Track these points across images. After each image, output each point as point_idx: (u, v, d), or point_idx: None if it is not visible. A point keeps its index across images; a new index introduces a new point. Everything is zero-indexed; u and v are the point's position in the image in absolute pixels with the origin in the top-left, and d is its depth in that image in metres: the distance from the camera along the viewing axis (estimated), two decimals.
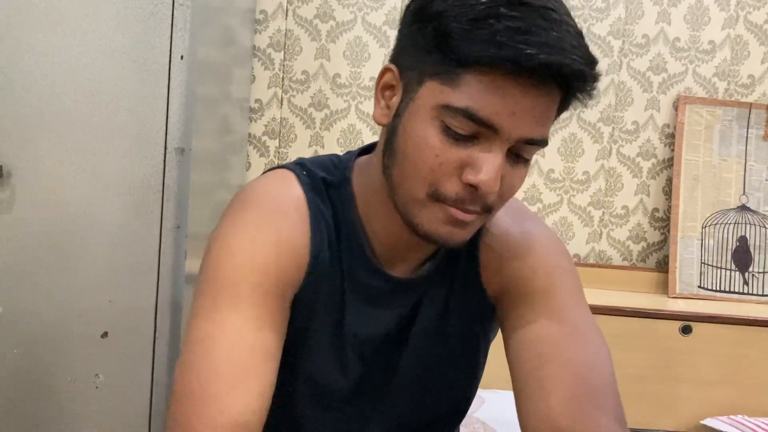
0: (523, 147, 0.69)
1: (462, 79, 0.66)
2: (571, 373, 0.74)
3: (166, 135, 1.20)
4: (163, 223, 1.21)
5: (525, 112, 0.66)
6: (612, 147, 1.99)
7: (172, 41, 1.18)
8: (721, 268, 1.95)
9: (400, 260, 0.82)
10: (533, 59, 0.63)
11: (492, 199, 0.71)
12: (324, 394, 0.83)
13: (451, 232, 0.72)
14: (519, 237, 0.84)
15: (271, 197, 0.77)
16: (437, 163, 0.69)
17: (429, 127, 0.69)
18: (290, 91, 1.92)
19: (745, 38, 1.97)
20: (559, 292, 0.81)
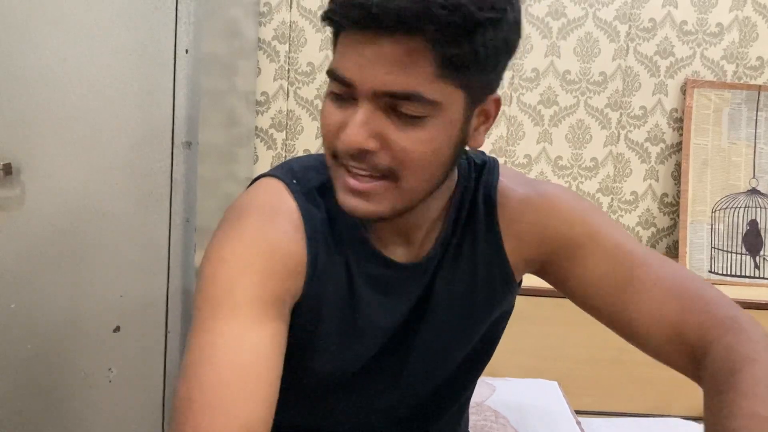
0: (394, 102, 0.67)
1: (337, 45, 0.70)
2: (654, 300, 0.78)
3: (173, 129, 1.20)
4: (172, 217, 1.22)
5: (372, 63, 0.66)
6: (620, 132, 1.98)
7: (176, 35, 1.18)
8: (731, 253, 1.94)
9: (405, 244, 0.83)
10: (347, 7, 0.65)
11: (384, 162, 0.70)
12: (340, 378, 0.85)
13: (355, 203, 0.72)
14: (538, 199, 0.85)
15: (264, 209, 0.78)
16: (327, 125, 0.72)
17: (327, 96, 0.73)
18: (296, 83, 1.92)
19: (754, 20, 1.96)
20: (604, 231, 0.83)
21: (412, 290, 0.84)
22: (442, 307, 0.85)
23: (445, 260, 0.85)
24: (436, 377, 0.88)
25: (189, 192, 1.22)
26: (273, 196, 0.80)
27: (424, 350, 0.86)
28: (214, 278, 0.74)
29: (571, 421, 1.50)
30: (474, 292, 0.86)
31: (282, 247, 0.76)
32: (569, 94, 1.95)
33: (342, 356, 0.83)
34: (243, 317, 0.71)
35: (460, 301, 0.86)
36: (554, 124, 1.96)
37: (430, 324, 0.85)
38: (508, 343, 0.93)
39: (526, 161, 1.97)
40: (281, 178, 0.81)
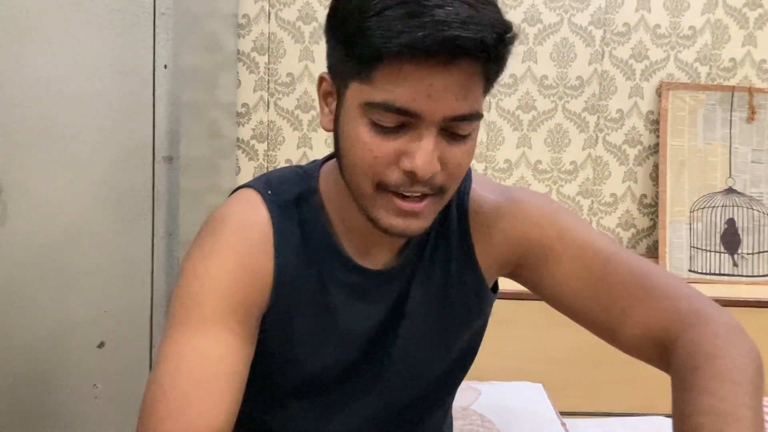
0: (454, 125, 0.71)
1: (375, 76, 0.69)
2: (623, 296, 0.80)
3: (154, 144, 1.21)
4: (154, 232, 1.22)
5: (440, 92, 0.68)
6: (598, 136, 2.00)
7: (155, 51, 1.19)
8: (710, 251, 1.97)
9: (381, 251, 0.85)
10: (427, 39, 0.65)
11: (440, 180, 0.73)
12: (321, 386, 0.86)
13: (405, 224, 0.74)
14: (509, 205, 0.87)
15: (237, 223, 0.80)
16: (373, 157, 0.71)
17: (359, 126, 0.72)
18: (276, 93, 1.93)
19: (725, 22, 1.99)
20: (573, 231, 0.85)
21: (387, 296, 0.86)
22: (417, 312, 0.87)
23: (420, 266, 0.86)
24: (417, 383, 0.89)
25: (171, 206, 1.23)
26: (247, 207, 0.82)
27: (403, 356, 0.87)
28: (186, 291, 0.77)
29: (556, 422, 1.51)
30: (448, 298, 0.88)
31: (251, 260, 0.79)
32: (547, 98, 1.97)
33: (320, 364, 0.85)
34: (211, 330, 0.74)
35: (435, 307, 0.87)
36: (533, 128, 1.98)
37: (407, 330, 0.87)
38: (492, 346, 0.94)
39: (507, 166, 1.99)
40: (257, 189, 0.83)
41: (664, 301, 0.79)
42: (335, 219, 0.84)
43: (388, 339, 0.87)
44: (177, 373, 0.72)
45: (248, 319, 0.78)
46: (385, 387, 0.88)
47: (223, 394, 0.73)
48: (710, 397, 0.68)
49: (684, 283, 0.83)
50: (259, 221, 0.80)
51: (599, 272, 0.83)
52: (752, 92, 1.98)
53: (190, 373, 0.72)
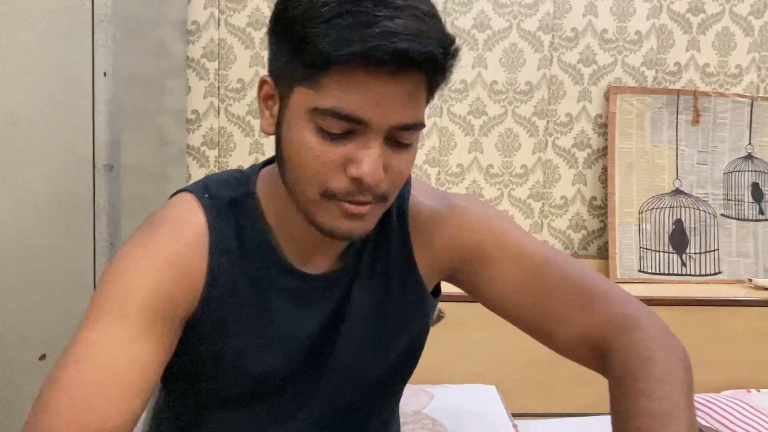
0: (399, 134, 0.72)
1: (324, 81, 0.69)
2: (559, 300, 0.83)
3: (94, 153, 1.19)
4: (96, 241, 1.21)
5: (389, 102, 0.69)
6: (548, 139, 2.03)
7: (94, 59, 1.18)
8: (659, 252, 2.01)
9: (320, 256, 0.85)
10: (380, 50, 0.66)
11: (383, 187, 0.74)
12: (259, 392, 0.86)
13: (350, 226, 0.75)
14: (447, 211, 0.89)
15: (172, 224, 0.80)
16: (320, 163, 0.72)
17: (305, 131, 0.72)
18: (227, 100, 1.92)
19: (670, 27, 2.04)
20: (510, 237, 0.88)
21: (326, 300, 0.86)
22: (357, 317, 0.87)
23: (360, 271, 0.87)
24: (358, 388, 0.89)
25: (113, 215, 1.21)
26: (184, 210, 0.81)
27: (343, 361, 0.87)
28: (112, 284, 0.75)
29: (508, 424, 1.53)
30: (388, 302, 0.88)
31: (183, 261, 0.78)
32: (497, 104, 1.99)
33: (259, 370, 0.84)
34: (130, 326, 0.72)
35: (375, 311, 0.88)
36: (484, 133, 2.00)
37: (348, 334, 0.87)
38: (446, 349, 0.95)
39: (459, 170, 2.00)
40: (195, 192, 0.83)
41: (600, 305, 0.81)
42: (274, 223, 0.84)
43: (329, 344, 0.87)
44: (85, 362, 0.70)
45: (171, 320, 0.77)
46: (326, 392, 0.88)
47: (130, 394, 0.71)
48: (647, 400, 0.70)
49: (618, 287, 0.85)
50: (195, 223, 0.80)
51: (536, 277, 0.85)
52: (697, 95, 2.03)
53: (99, 364, 0.70)
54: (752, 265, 2.04)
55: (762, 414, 1.57)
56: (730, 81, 2.07)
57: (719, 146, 2.06)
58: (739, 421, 1.55)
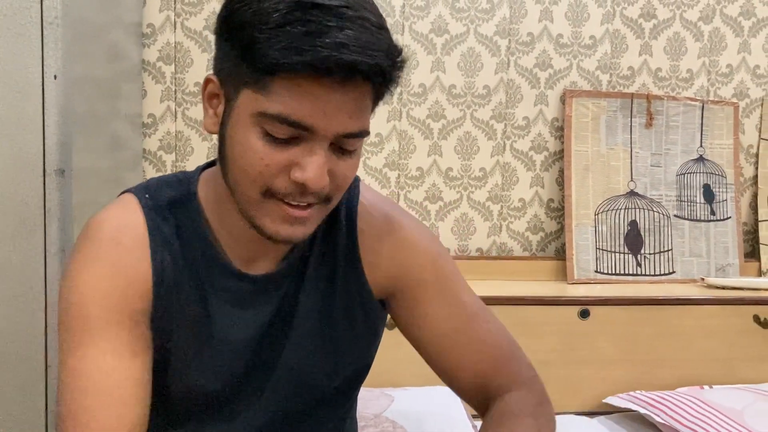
0: (344, 141, 0.74)
1: (272, 87, 0.70)
2: (476, 352, 0.90)
3: (44, 157, 1.16)
4: (47, 248, 1.18)
5: (336, 110, 0.70)
6: (505, 143, 2.05)
7: (43, 61, 1.15)
8: (615, 252, 2.04)
9: (263, 257, 0.85)
10: (329, 60, 0.67)
11: (327, 192, 0.75)
12: (203, 400, 0.85)
13: (291, 230, 0.76)
14: (397, 234, 0.90)
15: (110, 229, 0.80)
16: (263, 165, 0.72)
17: (250, 133, 0.72)
18: (184, 104, 1.90)
19: (623, 32, 2.08)
20: (447, 278, 0.91)
21: (269, 303, 0.85)
22: (304, 320, 0.87)
23: (306, 273, 0.87)
24: (305, 395, 0.89)
25: (64, 221, 1.19)
26: (122, 212, 0.81)
27: (288, 366, 0.87)
28: (68, 305, 0.77)
29: (468, 425, 1.54)
30: (334, 307, 0.88)
31: (127, 267, 0.78)
32: (455, 107, 2.01)
33: (202, 373, 0.84)
34: (100, 342, 0.75)
35: (321, 316, 0.88)
36: (443, 136, 2.02)
37: (293, 339, 0.86)
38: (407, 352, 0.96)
39: (419, 173, 2.01)
40: (135, 193, 0.83)
41: (509, 365, 0.91)
42: (215, 224, 0.83)
43: (273, 348, 0.86)
44: (78, 391, 0.74)
45: (135, 324, 0.78)
46: (271, 398, 0.87)
47: (127, 403, 0.74)
48: None
49: (521, 351, 0.95)
50: (133, 225, 0.80)
51: (462, 327, 0.90)
52: (650, 99, 2.07)
53: (90, 389, 0.74)
54: (705, 264, 2.09)
55: (716, 410, 1.61)
56: (681, 85, 2.12)
57: (672, 148, 2.10)
58: (694, 418, 1.58)
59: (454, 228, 2.04)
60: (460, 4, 1.98)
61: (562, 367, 1.80)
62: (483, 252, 2.06)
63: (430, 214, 2.02)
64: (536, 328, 1.78)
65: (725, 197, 2.11)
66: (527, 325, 1.77)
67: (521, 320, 1.77)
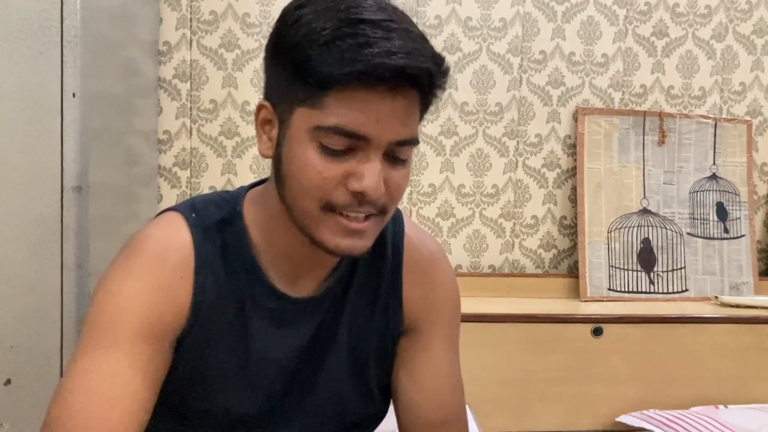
0: (397, 149, 0.75)
1: (326, 101, 0.72)
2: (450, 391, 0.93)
3: (62, 173, 1.18)
4: (63, 263, 1.19)
5: (389, 118, 0.72)
6: (518, 160, 2.06)
7: (63, 79, 1.17)
8: (628, 270, 2.04)
9: (306, 278, 0.86)
10: (380, 67, 0.69)
11: (383, 201, 0.77)
12: (242, 417, 0.85)
13: (351, 243, 0.77)
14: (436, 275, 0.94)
15: (156, 245, 0.81)
16: (321, 179, 0.74)
17: (307, 149, 0.74)
18: (199, 120, 1.92)
19: (635, 50, 2.08)
20: (456, 324, 0.95)
21: (307, 325, 0.86)
22: (341, 345, 0.87)
23: (347, 299, 0.88)
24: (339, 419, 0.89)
25: (81, 237, 1.20)
26: (169, 230, 0.82)
27: (324, 390, 0.87)
28: (101, 310, 0.77)
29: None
30: (371, 334, 0.89)
31: (168, 283, 0.79)
32: (468, 124, 2.02)
33: (240, 393, 0.84)
34: (121, 351, 0.75)
35: (358, 342, 0.88)
36: (455, 153, 2.02)
37: (331, 362, 0.87)
38: None
39: (431, 190, 2.02)
40: (181, 211, 0.84)
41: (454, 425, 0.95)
42: (260, 244, 0.84)
43: (310, 371, 0.87)
44: (82, 392, 0.73)
45: (161, 342, 0.78)
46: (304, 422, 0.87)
47: (127, 418, 0.73)
48: None
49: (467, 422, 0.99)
50: (180, 245, 0.81)
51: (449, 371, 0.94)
52: (662, 117, 2.07)
53: (96, 393, 0.73)
54: (718, 282, 2.08)
55: (731, 430, 1.60)
56: (694, 103, 2.12)
57: (684, 166, 2.10)
58: None
59: (466, 245, 2.04)
60: (472, 23, 2.00)
61: (574, 385, 1.79)
62: (495, 269, 2.06)
63: (443, 230, 2.02)
64: (549, 345, 1.77)
65: (739, 215, 2.10)
66: (540, 342, 1.77)
67: (534, 338, 1.76)
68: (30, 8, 1.15)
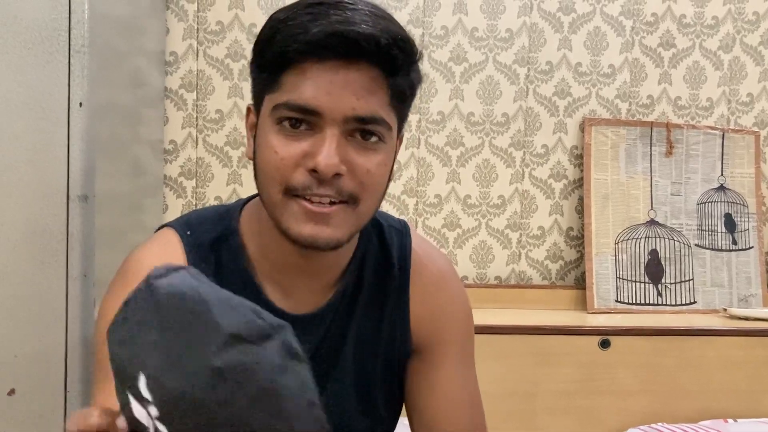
0: (359, 127, 0.73)
1: (283, 81, 0.73)
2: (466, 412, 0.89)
3: (68, 183, 1.18)
4: (69, 272, 1.19)
5: (341, 90, 0.71)
6: (524, 170, 2.05)
7: (69, 88, 1.17)
8: (635, 282, 2.02)
9: (306, 292, 0.84)
10: (324, 36, 0.69)
11: (348, 186, 0.74)
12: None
13: (315, 231, 0.74)
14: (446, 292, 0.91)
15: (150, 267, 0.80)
16: (279, 159, 0.73)
17: (269, 132, 0.75)
18: (205, 130, 1.92)
19: (642, 61, 2.08)
20: (469, 341, 0.92)
21: (307, 342, 0.84)
22: (345, 360, 0.86)
23: (352, 316, 0.86)
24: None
25: (86, 246, 1.19)
26: (163, 250, 0.82)
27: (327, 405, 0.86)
28: (103, 341, 0.75)
29: None
30: (377, 350, 0.88)
31: None
32: (474, 135, 2.01)
33: None
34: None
35: (363, 357, 0.87)
36: (461, 164, 2.02)
37: (335, 377, 0.85)
38: None
39: (437, 201, 2.01)
40: (177, 229, 0.84)
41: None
42: (257, 259, 0.83)
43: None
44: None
45: None
46: None
47: None
48: None
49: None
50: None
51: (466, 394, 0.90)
52: (669, 128, 2.06)
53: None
54: (727, 294, 2.06)
55: None
56: (701, 114, 2.11)
57: (692, 177, 2.09)
58: None
59: (472, 255, 2.03)
60: (479, 33, 2.00)
61: (581, 398, 1.77)
62: (501, 280, 2.04)
63: (449, 241, 2.02)
64: (556, 357, 1.76)
65: (747, 226, 2.09)
66: (546, 354, 1.75)
67: (540, 350, 1.75)
68: (38, 17, 1.15)
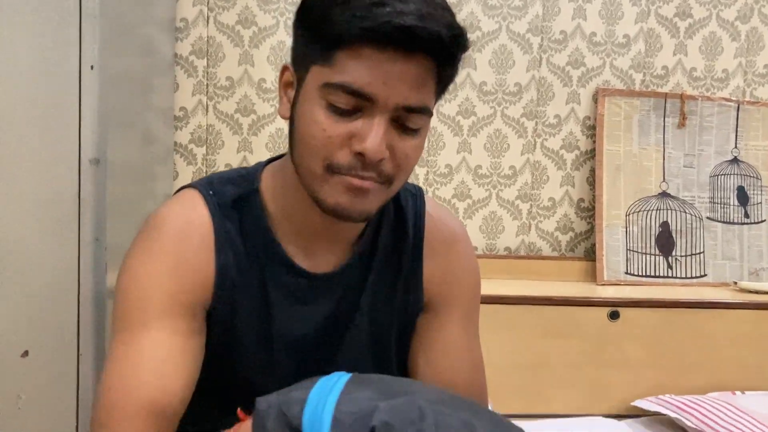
0: (406, 116, 0.74)
1: (337, 58, 0.72)
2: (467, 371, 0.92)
3: (80, 146, 1.17)
4: (81, 237, 1.19)
5: (397, 80, 0.71)
6: (536, 141, 2.03)
7: (81, 52, 1.16)
8: (645, 254, 2.02)
9: (326, 253, 0.85)
10: (388, 26, 0.69)
11: (388, 168, 0.76)
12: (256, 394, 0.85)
13: (352, 201, 0.76)
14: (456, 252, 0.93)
15: (175, 223, 0.82)
16: (326, 137, 0.74)
17: (315, 106, 0.74)
18: (215, 97, 1.91)
19: (657, 31, 2.05)
20: (475, 307, 0.95)
21: (327, 300, 0.86)
22: (361, 321, 0.88)
23: (368, 276, 0.87)
24: None
25: (98, 210, 1.20)
26: (188, 208, 0.83)
27: (340, 367, 0.87)
28: (127, 293, 0.79)
29: None
30: (392, 311, 0.89)
31: (190, 261, 0.80)
32: (486, 104, 2.00)
33: (262, 366, 0.85)
34: (155, 332, 0.76)
35: (378, 318, 0.88)
36: (473, 134, 2.00)
37: (349, 339, 0.87)
38: None
39: (447, 171, 2.00)
40: (199, 189, 0.84)
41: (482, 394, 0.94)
42: (279, 219, 0.84)
43: (328, 347, 0.87)
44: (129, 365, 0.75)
45: (193, 316, 0.80)
46: None
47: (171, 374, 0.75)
48: None
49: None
50: (199, 223, 0.81)
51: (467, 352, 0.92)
52: (684, 99, 2.04)
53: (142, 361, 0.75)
54: (738, 268, 2.05)
55: (748, 416, 1.58)
56: (716, 85, 2.08)
57: (705, 149, 2.07)
58: (726, 423, 1.55)
59: (482, 226, 2.02)
60: (492, 2, 1.97)
61: (590, 369, 1.78)
62: (511, 251, 2.04)
63: (459, 211, 2.01)
64: (565, 329, 1.76)
65: (760, 200, 2.07)
66: (556, 326, 1.76)
67: (550, 321, 1.75)
68: None
